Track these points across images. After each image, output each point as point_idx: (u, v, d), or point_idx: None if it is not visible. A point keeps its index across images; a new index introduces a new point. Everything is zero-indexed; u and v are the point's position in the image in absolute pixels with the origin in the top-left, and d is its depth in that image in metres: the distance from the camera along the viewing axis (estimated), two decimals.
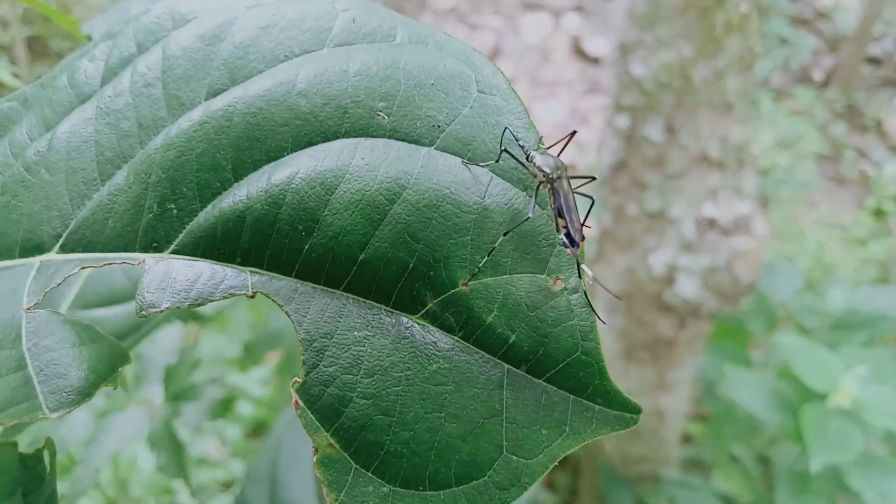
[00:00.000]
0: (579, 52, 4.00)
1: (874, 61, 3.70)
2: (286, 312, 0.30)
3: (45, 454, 0.32)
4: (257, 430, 1.53)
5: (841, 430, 1.25)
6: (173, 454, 0.97)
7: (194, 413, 1.01)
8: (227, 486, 1.31)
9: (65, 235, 0.35)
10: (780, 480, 1.33)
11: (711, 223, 1.42)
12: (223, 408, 1.10)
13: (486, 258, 0.29)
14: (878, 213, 2.72)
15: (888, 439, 1.37)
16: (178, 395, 1.04)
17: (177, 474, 0.96)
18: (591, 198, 0.33)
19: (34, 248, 0.35)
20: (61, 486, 0.97)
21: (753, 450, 1.48)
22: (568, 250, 0.29)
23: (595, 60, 3.92)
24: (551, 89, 3.72)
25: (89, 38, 0.64)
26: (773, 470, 1.46)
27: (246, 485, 0.78)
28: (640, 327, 1.47)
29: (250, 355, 1.37)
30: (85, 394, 0.30)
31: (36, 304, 0.32)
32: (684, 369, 1.51)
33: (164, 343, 1.07)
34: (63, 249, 0.35)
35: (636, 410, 0.30)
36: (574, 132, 0.34)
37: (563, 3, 4.33)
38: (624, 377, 1.52)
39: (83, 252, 0.34)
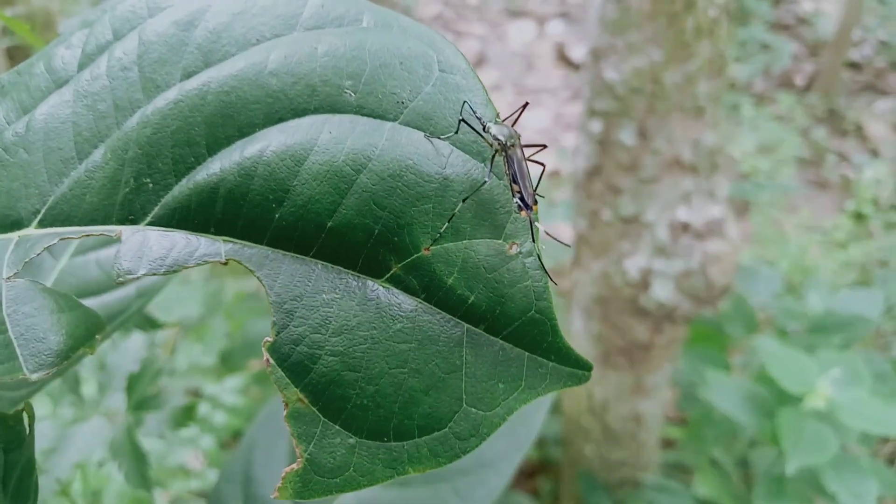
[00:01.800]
0: (564, 59, 4.07)
1: (854, 66, 3.81)
2: (258, 277, 0.33)
3: (25, 416, 0.34)
4: (235, 438, 1.54)
5: (816, 432, 1.29)
6: (136, 464, 0.98)
7: (157, 422, 1.02)
8: (204, 495, 1.32)
9: (43, 211, 0.37)
10: (757, 483, 1.37)
11: (685, 227, 1.46)
12: (185, 416, 1.11)
13: (447, 224, 0.32)
14: (859, 217, 2.80)
15: (864, 441, 1.42)
16: (140, 404, 1.05)
17: (140, 484, 0.97)
18: (542, 164, 0.36)
19: (12, 223, 0.38)
20: None
21: (734, 453, 1.52)
22: (522, 213, 0.32)
23: (579, 67, 3.99)
24: (536, 96, 3.78)
25: None
26: (753, 473, 1.49)
27: (220, 482, 0.80)
28: (616, 332, 1.51)
29: (227, 364, 1.39)
30: (63, 356, 0.33)
31: (15, 273, 0.35)
32: (661, 374, 1.55)
33: (128, 352, 1.08)
34: (41, 224, 0.37)
35: (587, 367, 0.33)
36: (526, 103, 0.37)
37: (548, 9, 4.40)
38: (601, 382, 1.56)
39: (61, 226, 0.37)
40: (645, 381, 1.53)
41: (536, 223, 0.32)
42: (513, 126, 0.35)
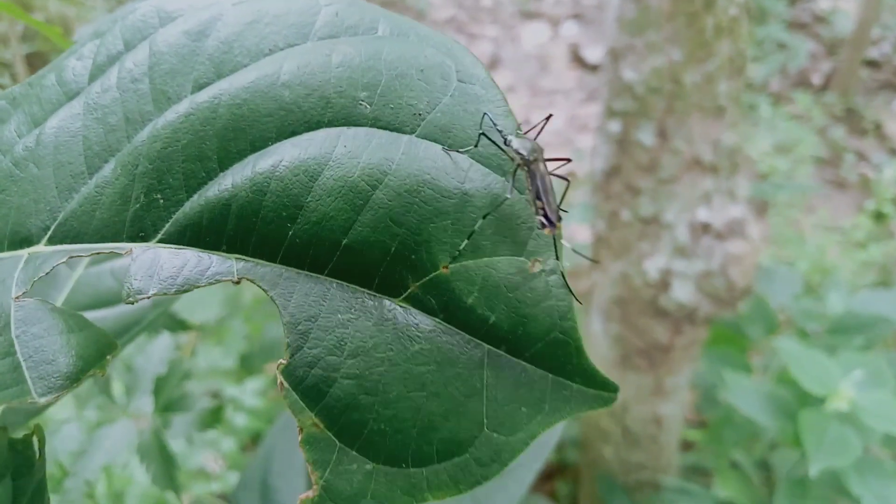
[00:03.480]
0: (578, 60, 4.04)
1: (872, 64, 3.74)
2: (271, 297, 0.31)
3: (35, 440, 0.33)
4: (255, 441, 1.54)
5: (839, 434, 1.26)
6: (163, 466, 0.97)
7: (184, 424, 1.02)
8: (224, 498, 1.32)
9: (53, 228, 0.36)
10: (779, 486, 1.34)
11: (705, 227, 1.44)
12: (213, 418, 1.11)
13: (467, 241, 0.31)
14: (878, 216, 2.75)
15: (887, 443, 1.38)
16: (167, 406, 1.05)
17: (167, 486, 0.96)
18: (566, 179, 0.34)
19: (22, 240, 0.37)
20: (53, 499, 0.98)
21: (754, 456, 1.49)
22: (546, 230, 0.30)
23: (594, 68, 3.96)
24: (550, 98, 3.75)
25: None
26: (774, 476, 1.46)
27: (238, 490, 0.79)
28: (636, 334, 1.48)
29: (246, 367, 1.38)
30: (73, 379, 0.31)
31: (24, 293, 0.34)
32: (681, 375, 1.52)
33: (154, 354, 1.08)
34: (51, 241, 0.36)
35: (613, 389, 0.31)
36: (550, 115, 0.35)
37: (562, 11, 4.37)
38: (621, 384, 1.53)
39: (71, 243, 0.36)
40: (665, 383, 1.51)
41: (561, 240, 0.30)
42: (535, 139, 0.33)
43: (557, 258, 0.30)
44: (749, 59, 1.39)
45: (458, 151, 0.32)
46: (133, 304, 0.32)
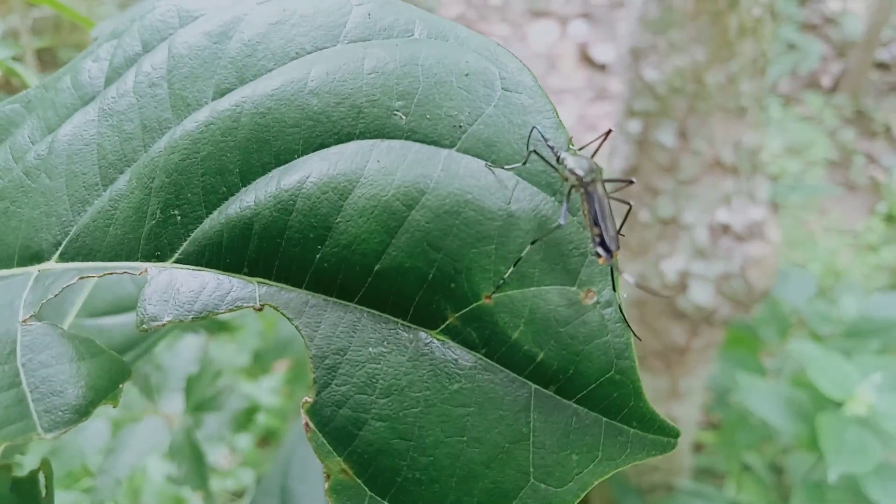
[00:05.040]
0: (586, 60, 3.97)
1: (883, 66, 3.66)
2: (296, 327, 0.27)
3: (41, 477, 0.30)
4: (266, 438, 1.51)
5: (858, 438, 1.21)
6: (195, 465, 0.94)
7: (216, 424, 0.98)
8: (236, 495, 1.29)
9: (64, 243, 0.33)
10: (795, 490, 1.29)
11: (725, 229, 1.39)
12: (246, 418, 1.07)
13: (512, 269, 0.27)
14: (890, 219, 2.68)
15: None
16: (199, 405, 1.01)
17: (198, 486, 0.93)
18: (628, 203, 0.30)
19: (33, 256, 0.33)
20: (76, 497, 0.95)
21: (766, 458, 1.44)
22: (601, 260, 0.26)
23: (602, 67, 3.89)
24: (559, 97, 3.69)
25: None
26: (787, 479, 1.42)
27: (257, 496, 0.75)
28: (653, 335, 1.44)
29: (260, 364, 1.35)
30: (82, 412, 0.28)
31: (32, 315, 0.30)
32: (697, 377, 1.47)
33: (184, 353, 1.05)
34: (62, 258, 0.32)
35: (674, 434, 0.27)
36: (609, 131, 0.31)
37: (570, 10, 4.30)
38: None
39: (83, 261, 0.32)
40: (680, 385, 1.46)
41: (624, 275, 0.26)
42: (592, 156, 0.29)
43: (614, 289, 0.26)
44: (771, 60, 1.34)
45: (502, 168, 0.28)
46: (147, 331, 0.28)
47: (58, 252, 0.33)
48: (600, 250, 0.26)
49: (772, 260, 1.37)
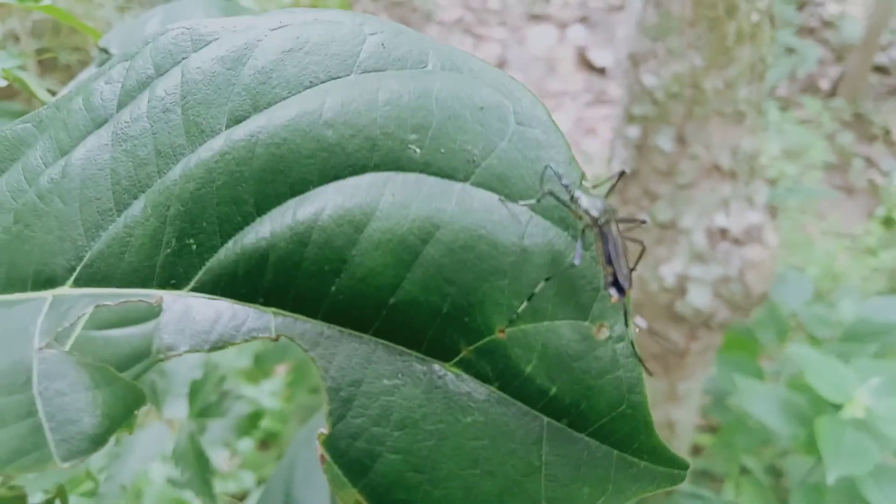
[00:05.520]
0: (585, 63, 3.97)
1: (881, 70, 3.66)
2: (311, 358, 0.27)
3: None
4: (267, 441, 1.51)
5: (856, 441, 1.22)
6: (198, 471, 0.94)
7: (220, 430, 0.98)
8: (237, 498, 1.29)
9: (79, 269, 0.33)
10: (793, 492, 1.30)
11: (723, 233, 1.39)
12: (250, 424, 1.07)
13: (526, 303, 0.27)
14: (888, 223, 2.68)
15: None
16: (203, 411, 1.01)
17: (202, 491, 0.93)
18: (641, 244, 0.30)
19: (46, 281, 0.33)
20: (78, 500, 0.94)
21: (764, 461, 1.45)
22: (613, 299, 0.26)
23: (601, 71, 3.89)
24: (557, 100, 3.69)
25: (104, 51, 0.62)
26: (785, 482, 1.42)
27: (261, 502, 0.75)
28: (652, 338, 1.44)
29: (261, 367, 1.35)
30: (98, 441, 0.28)
31: (48, 343, 0.30)
32: (695, 381, 1.48)
33: (188, 357, 1.04)
34: (77, 283, 0.33)
35: (683, 466, 0.27)
36: (623, 172, 0.31)
37: (569, 14, 4.30)
38: None
39: (98, 287, 0.32)
40: (678, 389, 1.47)
41: (637, 319, 0.26)
42: (607, 195, 0.29)
43: (626, 325, 0.27)
44: (770, 65, 1.34)
45: (516, 203, 0.28)
46: (163, 360, 0.28)
47: (72, 277, 0.33)
48: (612, 290, 0.26)
49: (770, 264, 1.38)
